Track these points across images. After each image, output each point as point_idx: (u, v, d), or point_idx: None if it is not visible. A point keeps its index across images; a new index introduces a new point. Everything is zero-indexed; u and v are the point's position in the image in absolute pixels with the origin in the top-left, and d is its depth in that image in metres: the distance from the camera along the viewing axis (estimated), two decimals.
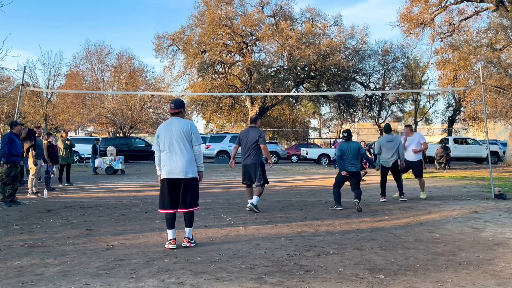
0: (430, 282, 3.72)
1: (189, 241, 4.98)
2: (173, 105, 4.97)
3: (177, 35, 32.00)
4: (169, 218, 4.95)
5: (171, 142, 4.83)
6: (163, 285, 3.67)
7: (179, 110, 4.98)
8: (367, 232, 5.83)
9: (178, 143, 4.82)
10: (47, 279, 3.84)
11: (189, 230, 5.00)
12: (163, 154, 4.90)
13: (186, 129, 4.85)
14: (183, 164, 4.80)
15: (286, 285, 3.67)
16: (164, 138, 4.88)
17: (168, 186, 4.87)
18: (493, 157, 23.61)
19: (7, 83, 35.69)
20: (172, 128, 4.86)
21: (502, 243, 5.14)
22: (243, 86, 31.96)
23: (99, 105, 31.97)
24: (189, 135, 4.86)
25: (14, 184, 8.54)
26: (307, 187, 11.72)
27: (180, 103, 5.03)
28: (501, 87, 18.90)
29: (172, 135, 4.84)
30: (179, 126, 4.85)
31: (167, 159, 4.85)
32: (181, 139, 4.82)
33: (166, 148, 4.85)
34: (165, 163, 4.86)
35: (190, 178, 4.86)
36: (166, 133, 4.87)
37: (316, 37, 30.36)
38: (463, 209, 7.72)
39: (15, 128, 8.69)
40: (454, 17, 26.22)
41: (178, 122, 4.90)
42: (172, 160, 4.82)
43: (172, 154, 4.83)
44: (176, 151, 4.82)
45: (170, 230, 4.95)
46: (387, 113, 37.23)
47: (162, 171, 4.91)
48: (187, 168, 4.82)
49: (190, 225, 4.99)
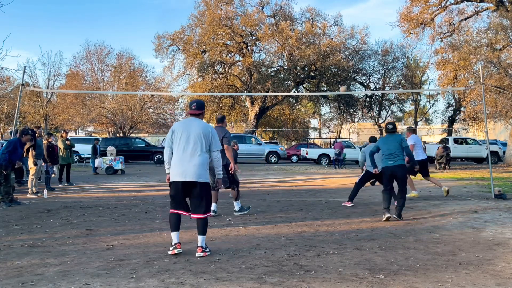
0: (430, 282, 3.72)
1: (203, 250, 4.59)
2: (194, 105, 4.69)
3: (177, 35, 32.02)
4: (174, 219, 4.64)
5: (188, 142, 4.53)
6: (163, 285, 3.67)
7: (200, 112, 4.72)
8: (367, 232, 5.83)
9: (195, 144, 4.52)
10: (47, 279, 3.84)
11: (202, 239, 4.60)
12: (176, 153, 4.58)
13: (206, 132, 4.58)
14: (197, 167, 4.49)
15: (286, 285, 3.67)
16: (180, 137, 4.57)
17: (180, 188, 4.54)
18: (493, 157, 23.61)
19: (7, 83, 35.73)
20: (191, 128, 4.58)
21: (502, 243, 5.14)
22: (243, 86, 31.97)
23: (99, 105, 31.97)
24: (209, 139, 4.60)
25: (7, 182, 8.50)
26: (307, 187, 11.72)
27: (202, 104, 4.76)
28: (501, 87, 18.91)
29: (190, 135, 4.54)
30: (200, 128, 4.57)
31: (180, 159, 4.52)
32: (200, 141, 4.53)
33: (181, 147, 4.54)
34: (178, 164, 4.53)
35: (204, 183, 4.56)
36: (183, 132, 4.56)
37: (316, 37, 30.38)
38: (463, 209, 7.72)
39: (24, 137, 8.63)
40: (454, 17, 26.26)
41: (198, 123, 4.63)
42: (186, 161, 4.50)
43: (187, 155, 4.51)
44: (192, 153, 4.51)
45: (175, 233, 4.65)
46: (387, 113, 37.27)
47: (173, 172, 4.56)
48: (201, 171, 4.51)
49: (203, 232, 4.60)
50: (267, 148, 25.29)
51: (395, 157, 6.64)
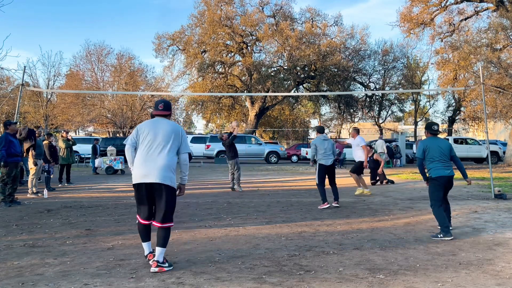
0: (430, 282, 3.72)
1: (159, 264, 4.05)
2: (161, 105, 4.32)
3: (177, 35, 32.03)
4: (143, 228, 4.23)
5: (154, 141, 4.13)
6: (163, 285, 3.67)
7: (168, 113, 4.36)
8: (367, 232, 5.83)
9: (162, 144, 4.13)
10: (47, 279, 3.84)
11: (159, 252, 4.08)
12: (140, 153, 4.16)
13: (177, 132, 4.21)
14: (161, 168, 4.05)
15: (286, 285, 3.67)
16: (146, 136, 4.17)
17: (144, 191, 4.11)
18: (493, 157, 23.60)
19: (7, 83, 35.69)
20: (159, 127, 4.19)
21: (502, 243, 5.14)
22: (243, 86, 31.98)
23: (99, 105, 31.97)
24: (178, 140, 4.21)
25: (14, 184, 8.53)
26: (307, 187, 11.71)
27: (169, 104, 4.41)
28: (501, 87, 18.90)
29: (158, 134, 4.15)
30: (169, 127, 4.20)
31: (144, 160, 4.11)
32: (168, 142, 4.14)
33: (147, 147, 4.14)
34: (142, 164, 4.10)
35: (169, 187, 4.09)
36: (150, 131, 4.18)
37: (316, 37, 30.40)
38: (463, 209, 7.72)
39: (10, 128, 8.60)
40: (454, 17, 26.26)
41: (168, 123, 4.25)
42: (150, 161, 4.08)
43: (152, 155, 4.10)
44: (157, 153, 4.10)
45: (146, 243, 4.27)
46: (387, 113, 37.28)
47: (136, 173, 4.12)
48: (166, 172, 4.06)
49: (163, 244, 4.09)
50: (267, 148, 25.29)
51: (450, 166, 5.68)
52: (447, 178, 5.60)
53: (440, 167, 5.60)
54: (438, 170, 5.60)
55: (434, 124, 5.88)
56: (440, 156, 5.62)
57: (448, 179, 5.61)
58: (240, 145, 24.62)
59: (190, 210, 7.71)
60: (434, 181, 5.65)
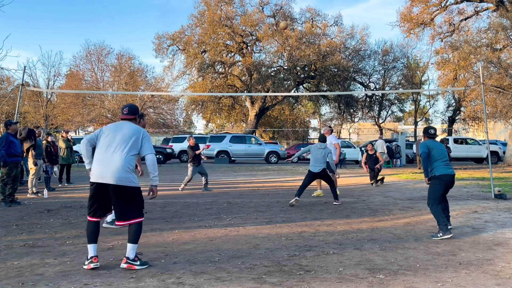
0: (430, 282, 3.72)
1: (128, 261, 4.09)
2: (126, 109, 4.37)
3: (177, 35, 32.03)
4: (92, 227, 4.22)
5: (112, 142, 4.14)
6: (163, 285, 3.67)
7: (133, 117, 4.38)
8: (367, 232, 5.83)
9: (119, 145, 4.12)
10: (47, 279, 3.84)
11: (130, 248, 4.11)
12: (98, 153, 4.16)
13: (137, 135, 4.18)
14: (116, 169, 4.05)
15: (286, 285, 3.67)
16: (106, 136, 4.18)
17: (98, 190, 4.13)
18: (493, 157, 23.60)
19: (7, 83, 35.68)
20: (120, 130, 4.20)
21: (502, 243, 5.14)
22: (243, 86, 31.98)
23: (99, 105, 31.97)
24: (138, 142, 4.18)
25: (14, 184, 8.53)
26: (307, 187, 11.69)
27: (135, 109, 4.44)
28: (501, 87, 18.91)
29: (117, 136, 4.16)
30: (129, 131, 4.19)
31: (101, 160, 4.11)
32: (126, 142, 4.13)
33: (104, 147, 4.14)
34: (98, 164, 4.12)
35: (125, 186, 4.09)
36: (111, 133, 4.20)
37: (316, 37, 30.40)
38: (463, 209, 7.72)
39: (10, 128, 8.62)
40: (454, 17, 26.28)
41: (130, 125, 4.26)
42: (106, 162, 4.08)
43: (108, 155, 4.09)
44: (114, 153, 4.09)
45: (92, 245, 4.17)
46: (387, 113, 37.27)
47: (93, 173, 4.13)
48: (121, 173, 4.05)
49: (134, 240, 4.12)
50: (267, 148, 25.29)
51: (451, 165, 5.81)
52: (450, 176, 5.66)
53: (443, 166, 5.66)
54: (441, 168, 5.65)
55: (430, 128, 6.08)
56: (442, 156, 5.71)
57: (451, 178, 5.68)
58: (240, 145, 24.71)
59: (190, 210, 7.71)
60: (437, 180, 5.68)
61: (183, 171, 17.88)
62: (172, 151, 24.42)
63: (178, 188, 10.84)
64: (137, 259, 4.15)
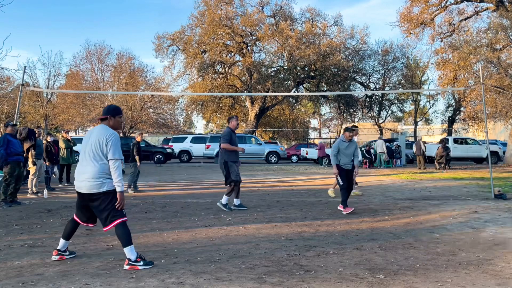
0: (430, 282, 3.72)
1: (130, 263, 4.13)
2: (103, 110, 4.37)
3: (177, 35, 32.02)
4: (70, 224, 4.45)
5: (85, 151, 4.21)
6: (163, 285, 3.67)
7: (106, 116, 4.30)
8: (367, 232, 5.83)
9: (88, 155, 4.17)
10: (47, 279, 3.84)
11: (127, 251, 4.16)
12: (78, 164, 4.31)
13: (101, 139, 4.13)
14: (88, 180, 4.12)
15: (286, 285, 3.67)
16: (84, 144, 4.28)
17: (79, 199, 4.31)
18: (493, 157, 23.59)
19: (7, 83, 35.69)
20: (91, 136, 4.22)
21: (502, 243, 5.15)
22: (243, 86, 31.98)
23: (99, 105, 31.93)
24: (102, 147, 4.13)
25: (17, 183, 8.53)
26: (307, 187, 11.72)
27: (111, 108, 4.36)
28: (501, 87, 18.90)
29: (87, 144, 4.21)
30: (96, 136, 4.17)
31: (78, 170, 4.24)
32: (93, 151, 4.14)
33: (80, 158, 4.26)
34: (76, 174, 4.26)
35: (97, 193, 4.13)
36: (85, 140, 4.27)
37: (316, 37, 30.38)
38: (463, 209, 7.72)
39: (7, 129, 8.70)
40: (454, 17, 26.26)
41: (98, 130, 4.22)
42: (80, 171, 4.20)
43: (82, 167, 4.20)
44: (85, 164, 4.17)
45: (63, 241, 4.44)
46: (387, 113, 37.28)
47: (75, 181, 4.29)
48: (92, 181, 4.11)
49: (126, 243, 4.15)
50: (267, 148, 25.28)
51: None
52: None
53: None
54: None
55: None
56: None
57: None
58: (240, 145, 24.64)
59: (190, 210, 7.71)
60: None
61: (183, 171, 17.89)
62: (172, 151, 24.42)
63: (178, 188, 10.83)
64: (140, 259, 4.16)
